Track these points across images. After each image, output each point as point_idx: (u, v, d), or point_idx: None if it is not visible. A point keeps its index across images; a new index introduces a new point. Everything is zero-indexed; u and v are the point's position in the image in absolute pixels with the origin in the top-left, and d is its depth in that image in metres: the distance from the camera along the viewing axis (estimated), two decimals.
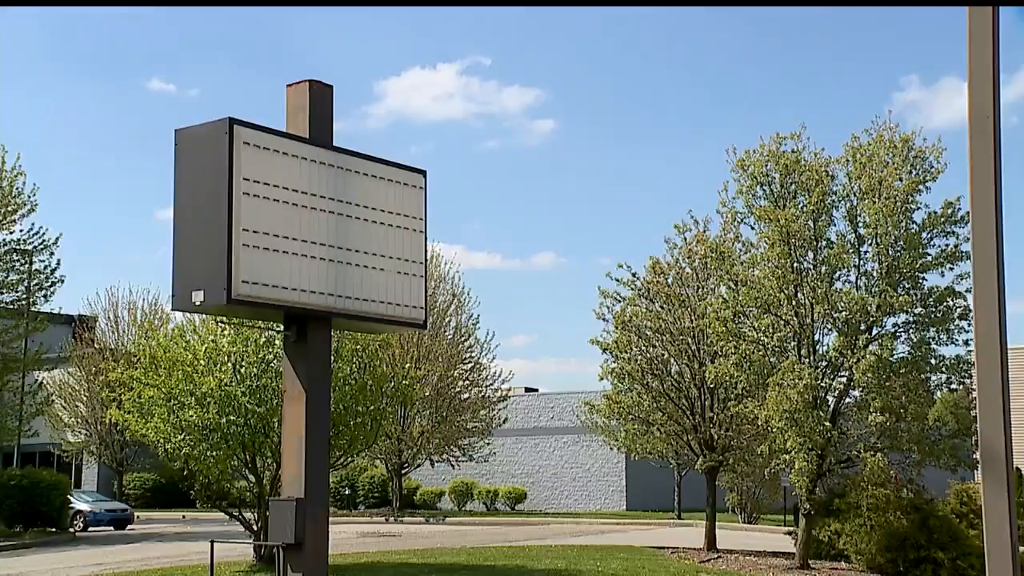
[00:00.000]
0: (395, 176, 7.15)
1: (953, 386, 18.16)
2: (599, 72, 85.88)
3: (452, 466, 39.87)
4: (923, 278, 17.33)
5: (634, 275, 21.11)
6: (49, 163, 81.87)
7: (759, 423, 17.75)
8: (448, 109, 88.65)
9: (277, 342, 12.79)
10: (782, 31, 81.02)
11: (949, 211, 16.99)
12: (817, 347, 17.72)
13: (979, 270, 4.90)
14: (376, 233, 6.92)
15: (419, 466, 40.00)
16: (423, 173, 7.23)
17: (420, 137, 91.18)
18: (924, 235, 17.14)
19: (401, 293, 7.13)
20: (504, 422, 40.83)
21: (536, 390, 52.25)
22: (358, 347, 16.13)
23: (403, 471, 38.94)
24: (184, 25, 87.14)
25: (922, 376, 17.60)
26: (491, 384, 40.30)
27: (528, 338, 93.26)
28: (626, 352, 20.57)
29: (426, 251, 7.44)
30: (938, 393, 18.91)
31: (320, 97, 6.67)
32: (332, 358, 11.73)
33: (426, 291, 7.42)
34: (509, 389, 41.68)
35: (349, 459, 18.08)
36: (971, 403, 20.82)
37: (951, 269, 17.16)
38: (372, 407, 16.59)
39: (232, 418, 14.94)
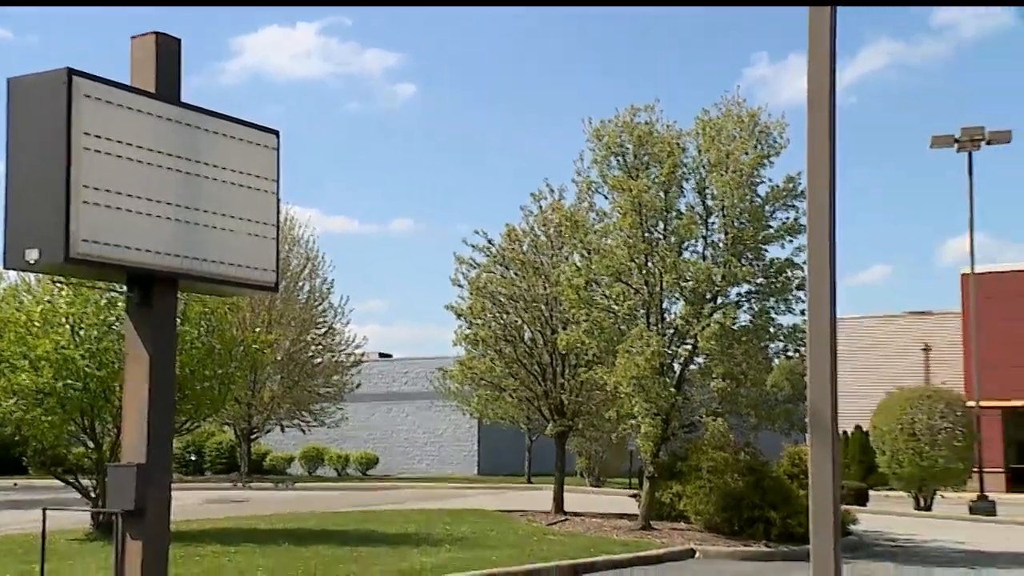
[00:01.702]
0: (247, 135, 6.95)
1: (790, 353, 18.94)
2: (462, 39, 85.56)
3: (303, 431, 39.45)
4: (765, 250, 18.01)
5: (490, 242, 21.25)
6: None
7: (608, 389, 18.19)
8: (307, 69, 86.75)
9: (120, 304, 12.36)
10: (643, 4, 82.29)
11: (790, 186, 17.67)
12: (665, 315, 18.24)
13: (813, 243, 5.14)
14: (226, 193, 6.73)
15: (269, 431, 39.44)
16: (276, 133, 7.07)
17: (278, 96, 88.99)
18: (767, 208, 17.80)
19: (251, 255, 6.96)
20: (357, 387, 40.61)
21: (390, 356, 52.13)
22: (206, 310, 15.72)
23: (252, 436, 38.29)
24: None
25: (762, 344, 18.33)
26: (344, 349, 39.97)
27: (384, 303, 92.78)
28: (480, 318, 20.72)
29: (278, 213, 7.28)
30: (776, 360, 19.78)
31: (167, 51, 6.41)
32: (178, 321, 11.40)
33: (278, 254, 7.28)
34: (363, 354, 41.44)
35: (195, 424, 17.64)
36: (805, 370, 21.85)
37: (791, 241, 17.88)
38: (220, 371, 16.22)
39: (70, 382, 14.34)
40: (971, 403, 30.31)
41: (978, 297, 36.11)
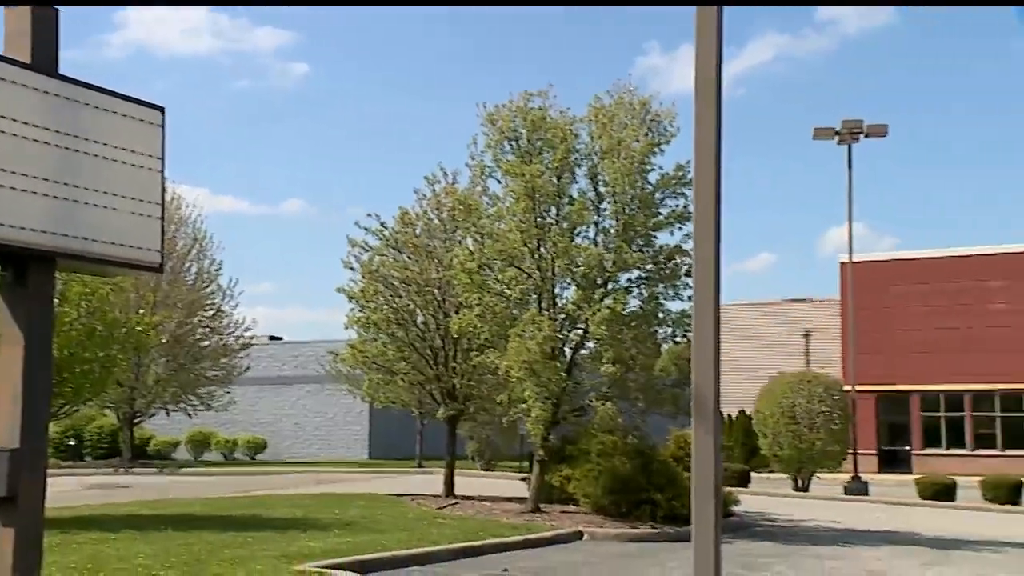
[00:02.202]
0: (130, 111, 6.73)
1: (678, 339, 19.28)
2: (356, 19, 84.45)
3: (189, 415, 38.58)
4: (655, 236, 18.30)
5: (383, 225, 21.08)
6: None
7: (500, 373, 18.28)
8: (195, 44, 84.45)
9: None
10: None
11: (680, 173, 17.97)
12: (557, 300, 18.39)
13: (699, 231, 5.26)
14: (108, 170, 6.51)
15: (153, 415, 38.46)
16: (161, 109, 6.87)
17: (165, 72, 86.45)
18: (657, 195, 18.08)
19: (134, 234, 6.75)
20: (246, 371, 39.90)
21: (280, 338, 51.36)
22: (87, 290, 15.21)
23: (135, 421, 37.29)
24: None
25: (651, 329, 18.64)
26: (233, 332, 39.21)
27: (275, 286, 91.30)
28: (372, 301, 20.57)
29: (164, 191, 7.08)
30: (665, 346, 20.17)
31: (43, 21, 6.16)
32: (57, 301, 11.00)
33: (163, 233, 7.07)
34: (252, 337, 40.71)
35: (75, 408, 17.09)
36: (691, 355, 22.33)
37: (680, 229, 18.20)
38: (101, 354, 15.73)
39: None
40: (847, 387, 31.46)
41: (855, 285, 37.50)
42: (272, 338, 50.12)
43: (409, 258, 20.83)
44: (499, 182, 18.94)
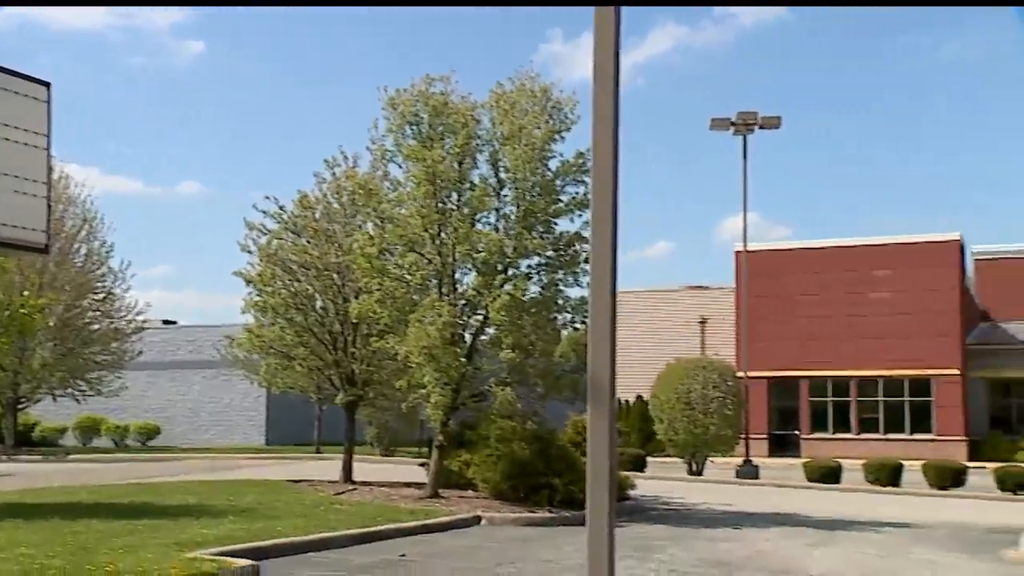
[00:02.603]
0: (13, 86, 6.50)
1: (576, 325, 19.49)
2: None
3: (78, 401, 37.49)
4: (555, 223, 18.43)
5: (281, 208, 20.77)
6: None
7: (399, 359, 18.21)
8: (85, 19, 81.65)
9: None
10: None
11: (580, 161, 18.10)
12: (457, 286, 18.39)
13: (596, 218, 5.30)
14: None
15: (39, 401, 37.27)
16: (47, 85, 6.65)
17: (51, 46, 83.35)
18: (558, 182, 18.20)
19: (18, 214, 6.53)
20: (138, 355, 38.94)
21: (175, 323, 50.22)
22: None
23: (20, 406, 36.06)
24: None
25: (550, 316, 18.79)
26: (125, 316, 38.18)
27: (170, 269, 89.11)
28: (270, 285, 20.26)
29: (49, 170, 6.86)
30: (565, 332, 20.34)
31: None
32: None
33: (49, 213, 6.85)
34: (145, 321, 39.71)
35: None
36: None
37: (580, 216, 18.35)
38: None
39: None
40: (741, 374, 32.25)
41: (749, 274, 38.42)
42: (166, 322, 48.97)
43: (308, 242, 20.57)
44: (400, 167, 18.86)
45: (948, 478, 25.68)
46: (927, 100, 79.49)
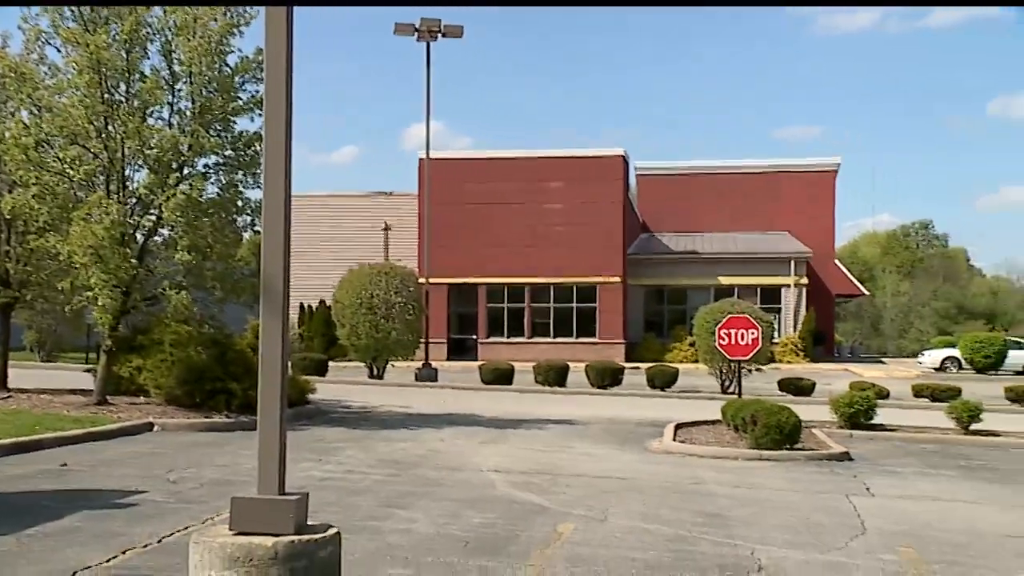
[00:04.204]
0: None
1: (257, 228, 19.04)
2: None
3: None
4: (234, 122, 17.78)
5: None
6: None
7: (62, 258, 17.00)
8: None
9: None
10: None
11: (259, 58, 17.48)
12: (128, 183, 17.33)
13: (269, 116, 5.19)
14: None
15: None
16: None
17: None
18: (237, 79, 17.50)
19: None
20: None
21: None
22: None
23: None
24: None
25: (229, 217, 18.23)
26: None
27: None
28: None
29: None
30: (245, 235, 19.79)
31: None
32: None
33: None
34: None
35: None
36: None
37: (260, 115, 17.78)
38: None
39: None
40: (422, 280, 32.97)
41: (432, 181, 39.09)
42: None
43: None
44: (59, 51, 17.34)
45: (607, 378, 27.89)
46: (596, 15, 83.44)
